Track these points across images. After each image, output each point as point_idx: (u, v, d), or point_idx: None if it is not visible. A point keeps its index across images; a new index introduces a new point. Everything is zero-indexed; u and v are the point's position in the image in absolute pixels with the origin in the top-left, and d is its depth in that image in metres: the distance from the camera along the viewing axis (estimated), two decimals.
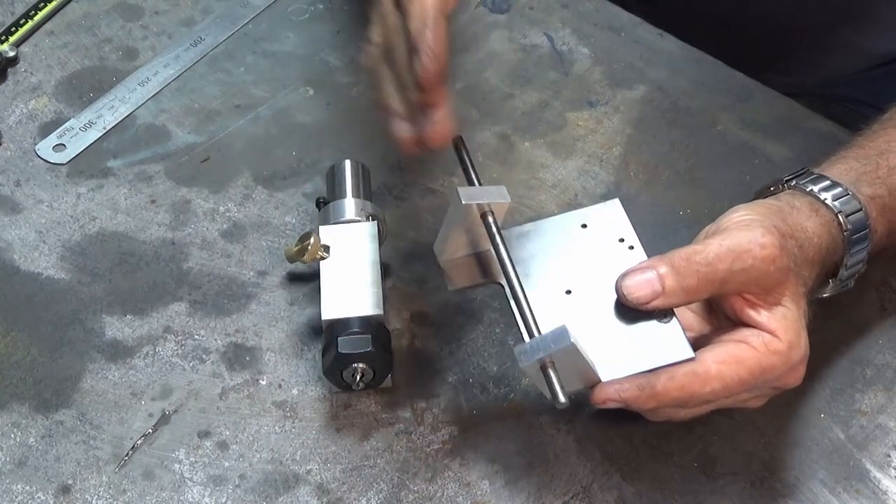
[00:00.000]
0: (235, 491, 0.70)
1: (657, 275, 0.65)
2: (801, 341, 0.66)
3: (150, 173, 0.86)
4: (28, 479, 0.70)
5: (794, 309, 0.66)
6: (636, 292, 0.65)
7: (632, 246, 0.71)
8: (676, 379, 0.65)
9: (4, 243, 0.81)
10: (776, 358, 0.65)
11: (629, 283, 0.66)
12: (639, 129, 0.90)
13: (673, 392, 0.65)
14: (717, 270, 0.65)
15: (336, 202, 0.77)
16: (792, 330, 0.66)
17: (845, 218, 0.71)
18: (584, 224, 0.72)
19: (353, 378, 0.71)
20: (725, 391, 0.65)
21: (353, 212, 0.76)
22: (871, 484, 0.72)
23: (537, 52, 0.96)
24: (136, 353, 0.76)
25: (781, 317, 0.66)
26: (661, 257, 0.66)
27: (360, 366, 0.70)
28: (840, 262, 0.72)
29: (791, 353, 0.66)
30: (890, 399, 0.75)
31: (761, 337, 0.66)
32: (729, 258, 0.65)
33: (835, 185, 0.72)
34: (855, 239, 0.71)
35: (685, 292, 0.65)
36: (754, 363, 0.65)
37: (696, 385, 0.65)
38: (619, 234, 0.71)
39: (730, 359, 0.65)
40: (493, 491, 0.70)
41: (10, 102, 0.90)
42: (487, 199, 0.67)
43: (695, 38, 0.97)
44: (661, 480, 0.71)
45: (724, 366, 0.65)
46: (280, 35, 0.96)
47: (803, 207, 0.71)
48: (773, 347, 0.65)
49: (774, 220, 0.67)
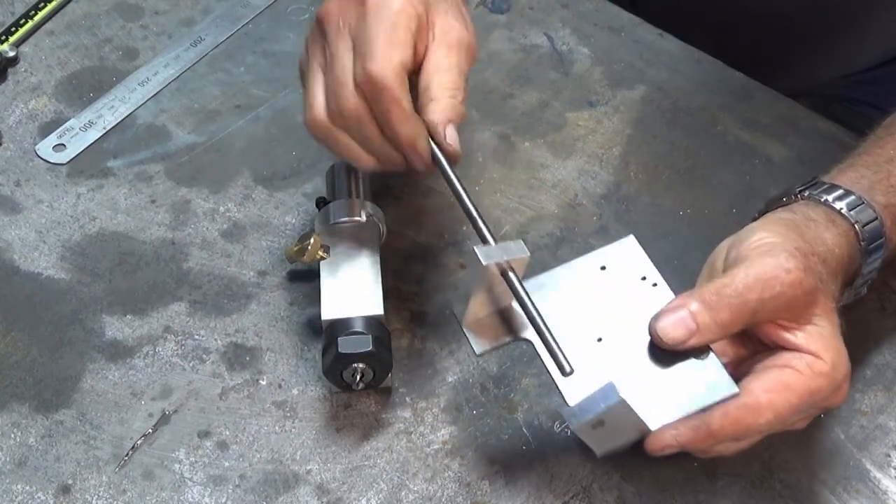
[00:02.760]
0: (235, 491, 0.70)
1: (689, 313, 0.64)
2: (842, 359, 0.65)
3: (150, 173, 0.86)
4: (28, 479, 0.70)
5: (829, 326, 0.65)
6: (671, 333, 0.64)
7: (655, 283, 0.69)
8: (730, 415, 0.64)
9: (4, 243, 0.81)
10: (823, 379, 0.64)
11: (663, 324, 0.65)
12: (639, 129, 0.90)
13: (728, 428, 0.64)
14: (748, 301, 0.64)
15: (336, 202, 0.77)
16: (832, 348, 0.65)
17: (861, 228, 0.70)
18: (602, 266, 0.70)
19: (353, 378, 0.71)
20: (779, 420, 0.64)
21: (354, 212, 0.76)
22: (871, 484, 0.72)
23: (537, 52, 0.96)
24: (136, 353, 0.76)
25: (818, 336, 0.65)
26: (691, 294, 0.65)
27: (360, 366, 0.70)
28: (858, 271, 0.71)
29: (835, 372, 0.65)
30: (890, 399, 0.75)
31: (804, 359, 0.64)
32: (758, 287, 0.64)
33: (848, 194, 0.71)
34: (871, 248, 0.71)
35: (720, 327, 0.64)
36: (803, 388, 0.64)
37: (750, 418, 0.64)
38: (640, 273, 0.69)
39: (779, 386, 0.64)
40: (493, 491, 0.70)
41: (10, 102, 0.90)
42: (507, 257, 0.64)
43: (695, 38, 0.97)
44: (661, 480, 0.71)
45: (775, 394, 0.64)
46: (280, 35, 0.96)
47: (819, 219, 0.69)
48: (818, 369, 0.64)
49: (795, 241, 0.66)
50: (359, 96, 0.66)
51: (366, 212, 0.76)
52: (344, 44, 0.67)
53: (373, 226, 0.76)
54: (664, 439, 0.65)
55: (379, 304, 0.72)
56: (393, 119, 0.65)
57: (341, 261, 0.74)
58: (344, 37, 0.67)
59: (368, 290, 0.72)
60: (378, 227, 0.76)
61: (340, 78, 0.66)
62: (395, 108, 0.65)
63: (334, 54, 0.67)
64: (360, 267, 0.73)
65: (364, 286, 0.72)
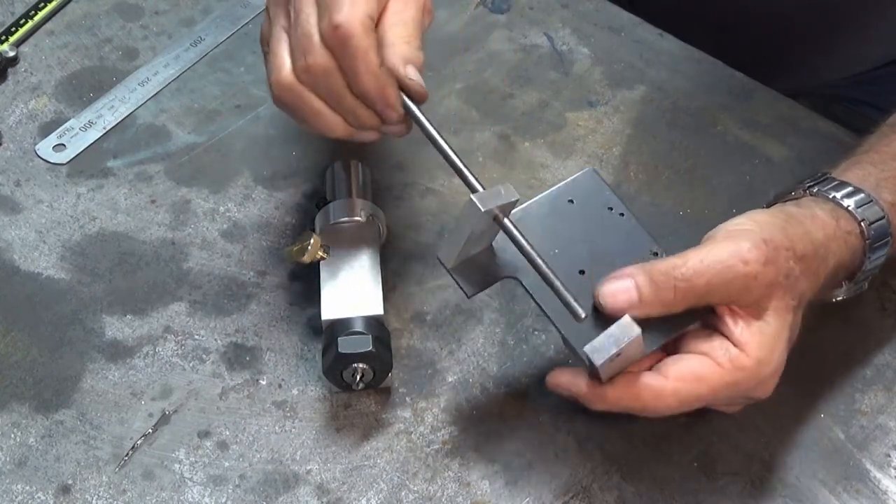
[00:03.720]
0: (235, 491, 0.70)
1: (635, 284, 0.65)
2: (773, 356, 0.66)
3: (150, 173, 0.86)
4: (28, 479, 0.70)
5: (775, 323, 0.65)
6: (612, 301, 0.65)
7: (622, 213, 0.70)
8: (630, 389, 0.65)
9: (4, 243, 0.81)
10: (741, 374, 0.65)
11: (606, 290, 0.65)
12: (639, 129, 0.90)
13: (625, 401, 0.65)
14: (694, 286, 0.64)
15: (336, 202, 0.77)
16: (765, 346, 0.65)
17: (868, 226, 0.70)
18: (570, 199, 0.71)
19: (353, 378, 0.71)
20: (680, 407, 0.65)
21: (354, 212, 0.76)
22: (871, 484, 0.72)
23: (537, 52, 0.96)
24: (136, 353, 0.76)
25: (757, 331, 0.65)
26: (641, 267, 0.65)
27: (360, 366, 0.70)
28: (859, 267, 0.71)
29: (760, 368, 0.65)
30: (890, 399, 0.75)
31: (728, 353, 0.65)
32: (708, 273, 0.64)
33: (857, 192, 0.71)
34: (876, 246, 0.71)
35: (662, 305, 0.65)
36: (716, 380, 0.65)
37: (650, 399, 0.65)
38: (606, 203, 0.71)
39: (690, 376, 0.65)
40: (493, 491, 0.70)
41: (10, 102, 0.90)
42: (503, 201, 0.65)
43: (695, 38, 0.97)
44: (661, 480, 0.71)
45: (682, 383, 0.65)
46: None
47: (823, 216, 0.69)
48: (740, 363, 0.65)
49: (768, 232, 0.66)
50: (325, 50, 0.64)
51: (366, 212, 0.76)
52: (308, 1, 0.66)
53: (373, 226, 0.76)
54: (560, 380, 0.66)
55: (379, 304, 0.72)
56: (361, 69, 0.64)
57: (341, 261, 0.74)
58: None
59: (368, 290, 0.72)
60: (378, 227, 0.76)
61: (306, 31, 0.65)
62: (362, 58, 0.64)
63: (299, 10, 0.65)
64: (360, 267, 0.73)
65: (364, 286, 0.72)
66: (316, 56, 0.64)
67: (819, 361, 0.76)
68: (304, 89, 0.66)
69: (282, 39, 0.67)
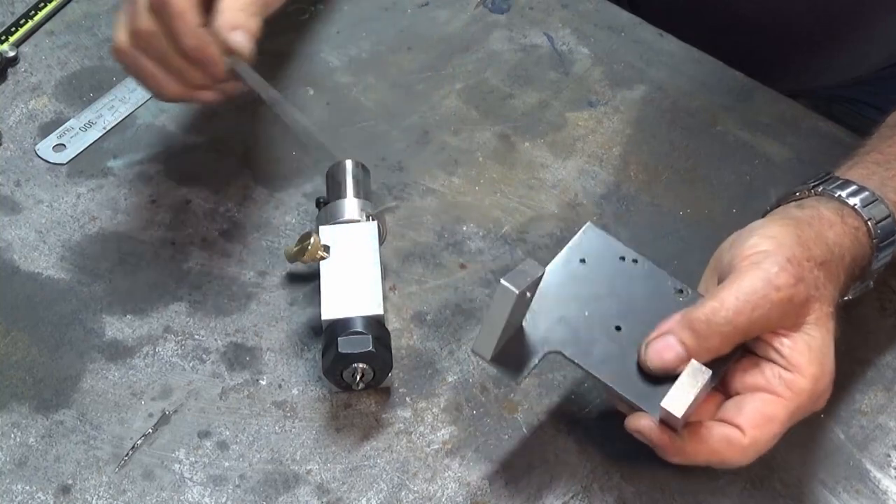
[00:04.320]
0: (235, 491, 0.70)
1: (678, 340, 0.65)
2: (826, 370, 0.65)
3: (150, 173, 0.86)
4: (28, 479, 0.70)
5: (819, 335, 0.65)
6: (660, 362, 0.65)
7: (634, 259, 0.70)
8: (710, 444, 0.64)
9: (4, 243, 0.81)
10: (804, 398, 0.65)
11: (652, 352, 0.65)
12: (639, 129, 0.90)
13: (703, 455, 0.64)
14: (737, 326, 0.64)
15: (336, 202, 0.77)
16: (815, 360, 0.65)
17: (875, 225, 0.70)
18: (581, 259, 0.71)
19: (354, 378, 0.71)
20: (759, 453, 0.65)
21: (354, 212, 0.76)
22: (871, 484, 0.72)
23: (537, 52, 0.96)
24: (136, 353, 0.76)
25: (805, 349, 0.65)
26: (680, 319, 0.65)
27: (361, 366, 0.70)
28: (867, 267, 0.71)
29: (816, 385, 0.65)
30: (890, 399, 0.75)
31: (784, 379, 0.64)
32: (747, 310, 0.64)
33: (862, 190, 0.70)
34: (883, 245, 0.71)
35: (709, 352, 0.65)
36: (784, 414, 0.64)
37: (729, 453, 0.64)
38: (617, 254, 0.71)
39: (760, 420, 0.64)
40: (493, 491, 0.70)
41: (10, 102, 0.90)
42: (531, 278, 0.64)
43: (695, 38, 0.96)
44: (661, 480, 0.71)
45: (757, 431, 0.64)
46: (280, 35, 0.96)
47: (828, 215, 0.69)
48: (799, 387, 0.64)
49: (789, 249, 0.66)
50: (151, 17, 0.73)
51: (366, 212, 0.76)
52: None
53: (373, 226, 0.76)
54: (640, 424, 0.65)
55: (379, 304, 0.72)
56: (179, 30, 0.72)
57: (341, 261, 0.74)
58: None
59: (368, 290, 0.72)
60: (378, 227, 0.76)
61: (137, 2, 0.74)
62: (178, 21, 0.72)
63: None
64: (360, 267, 0.73)
65: (364, 286, 0.72)
66: (142, 21, 0.73)
67: None
68: (137, 52, 0.75)
69: (126, 11, 0.76)
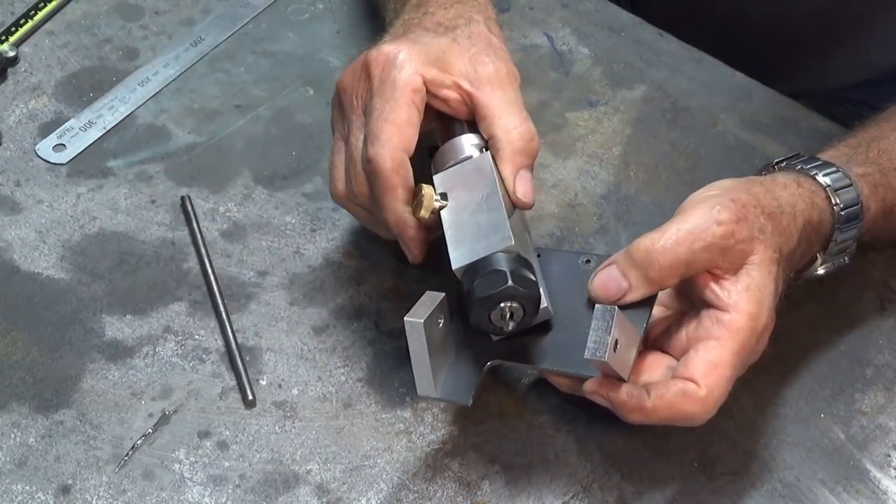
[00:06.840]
0: (235, 491, 0.70)
1: (620, 272, 0.66)
2: (763, 307, 0.65)
3: (150, 173, 0.86)
4: (28, 479, 0.70)
5: (759, 276, 0.66)
6: (604, 292, 0.66)
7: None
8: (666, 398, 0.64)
9: (4, 243, 0.81)
10: (743, 335, 0.65)
11: (596, 283, 0.67)
12: (639, 129, 0.91)
13: (662, 411, 0.64)
14: (678, 255, 0.65)
15: (444, 145, 0.72)
16: (753, 299, 0.65)
17: (834, 192, 0.71)
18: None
19: (504, 319, 0.65)
20: (718, 401, 0.65)
21: (463, 150, 0.71)
22: (871, 484, 0.72)
23: (537, 52, 0.96)
24: (136, 353, 0.76)
25: (743, 288, 0.65)
26: (623, 252, 0.66)
27: (508, 304, 0.65)
28: (829, 235, 0.72)
29: (755, 323, 0.65)
30: (890, 399, 0.75)
31: (721, 322, 0.65)
32: (688, 241, 0.65)
33: (826, 165, 0.72)
34: (846, 215, 0.71)
35: (650, 283, 0.66)
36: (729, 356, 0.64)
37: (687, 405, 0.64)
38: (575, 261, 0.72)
39: (710, 368, 0.64)
40: (493, 491, 0.70)
41: (10, 102, 0.90)
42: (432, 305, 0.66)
43: (695, 39, 0.97)
44: (661, 480, 0.71)
45: (709, 378, 0.64)
46: (280, 35, 0.96)
47: (785, 181, 0.71)
48: (736, 326, 0.65)
49: (733, 193, 0.67)
50: (366, 177, 0.70)
51: (475, 145, 0.72)
52: (357, 120, 0.71)
53: (487, 158, 0.70)
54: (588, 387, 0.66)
55: (508, 235, 0.66)
56: (382, 206, 0.69)
57: (461, 203, 0.69)
58: (357, 112, 0.72)
59: (495, 224, 0.67)
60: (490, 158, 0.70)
61: (353, 157, 0.71)
62: (385, 195, 0.69)
63: (350, 132, 0.72)
64: (482, 204, 0.68)
65: (489, 222, 0.67)
66: (359, 184, 0.71)
67: (819, 361, 0.76)
68: (352, 204, 0.74)
69: (340, 149, 0.74)
